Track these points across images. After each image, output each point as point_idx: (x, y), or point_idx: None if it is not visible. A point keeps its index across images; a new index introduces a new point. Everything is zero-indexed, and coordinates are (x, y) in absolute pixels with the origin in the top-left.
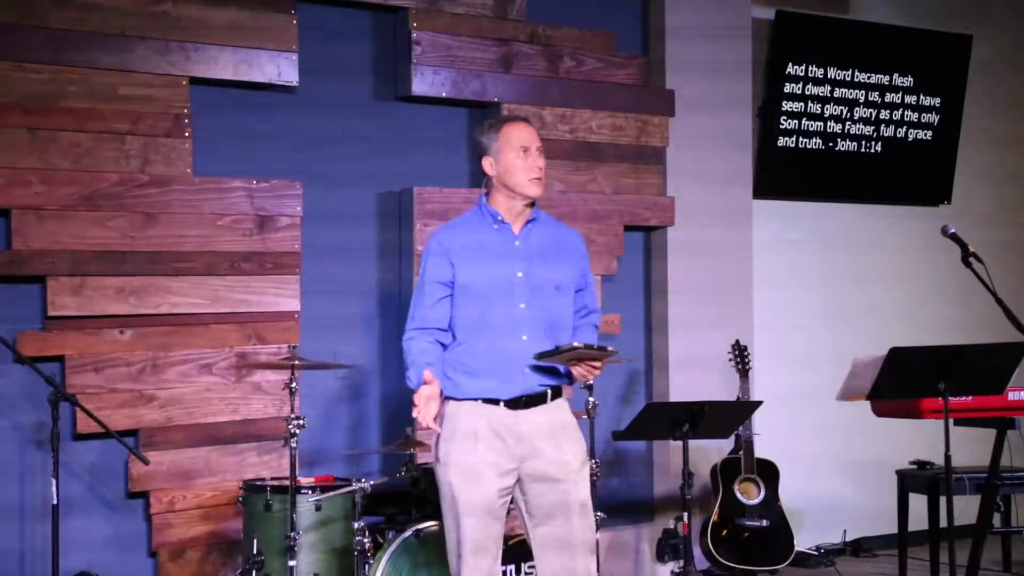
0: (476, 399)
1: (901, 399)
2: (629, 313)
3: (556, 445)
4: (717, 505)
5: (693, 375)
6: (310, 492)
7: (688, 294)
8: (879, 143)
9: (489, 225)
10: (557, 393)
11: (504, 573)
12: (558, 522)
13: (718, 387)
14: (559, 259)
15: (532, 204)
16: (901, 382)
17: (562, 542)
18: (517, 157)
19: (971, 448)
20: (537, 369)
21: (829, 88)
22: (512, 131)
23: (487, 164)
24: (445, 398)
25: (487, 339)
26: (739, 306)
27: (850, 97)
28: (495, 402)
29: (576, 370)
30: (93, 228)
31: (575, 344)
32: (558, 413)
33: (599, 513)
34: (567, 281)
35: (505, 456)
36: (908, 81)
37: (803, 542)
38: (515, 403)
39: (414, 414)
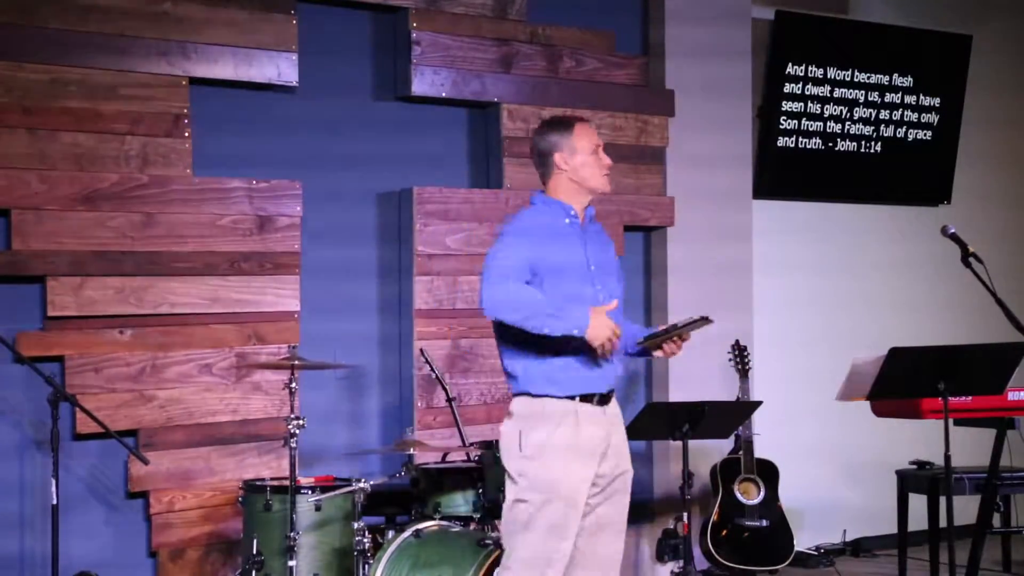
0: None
1: (901, 399)
2: (629, 313)
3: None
4: (717, 505)
5: (693, 375)
6: (310, 492)
7: (688, 294)
8: (879, 143)
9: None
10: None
11: None
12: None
13: (718, 387)
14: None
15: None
16: (901, 382)
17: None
18: (592, 154)
19: (971, 448)
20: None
21: (829, 88)
22: (586, 130)
23: (560, 159)
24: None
25: None
26: (739, 307)
27: (850, 97)
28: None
29: (667, 347)
30: (93, 228)
31: (678, 324)
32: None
33: None
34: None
35: None
36: (908, 81)
37: (803, 542)
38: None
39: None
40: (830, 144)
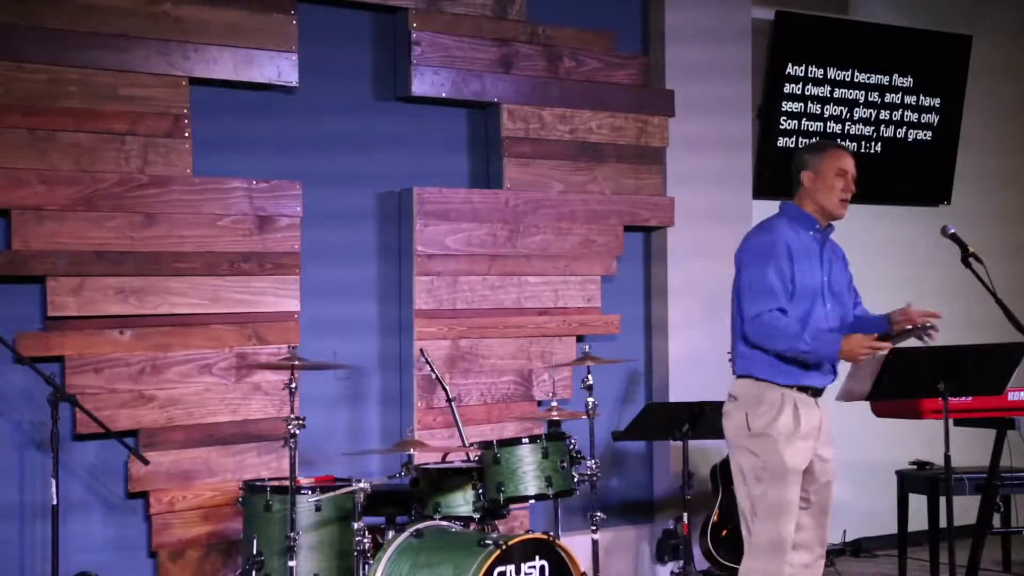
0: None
1: (901, 399)
2: (629, 313)
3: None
4: (717, 505)
5: (693, 375)
6: (310, 492)
7: (688, 294)
8: (879, 143)
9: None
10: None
11: (504, 573)
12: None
13: (718, 387)
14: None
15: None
16: (901, 382)
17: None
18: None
19: (971, 448)
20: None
21: (829, 88)
22: (836, 155)
23: (806, 178)
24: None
25: None
26: None
27: (850, 97)
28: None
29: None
30: (93, 228)
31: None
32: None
33: (599, 514)
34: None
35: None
36: (908, 81)
37: None
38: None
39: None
40: None
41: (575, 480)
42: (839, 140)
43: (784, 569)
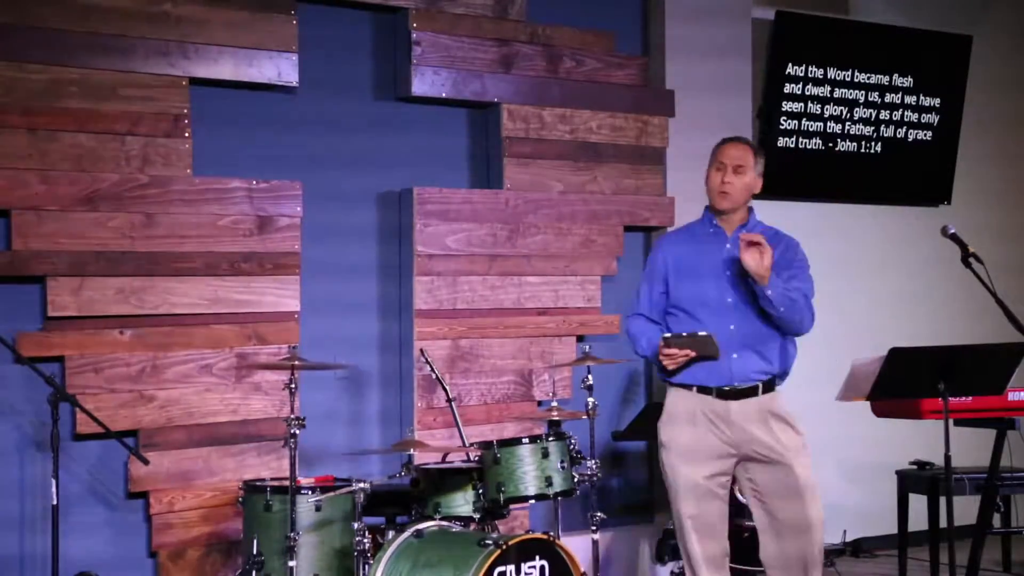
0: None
1: (901, 399)
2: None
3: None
4: None
5: None
6: (310, 492)
7: None
8: (879, 143)
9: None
10: (768, 387)
11: (504, 573)
12: (781, 503)
13: None
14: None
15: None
16: (901, 382)
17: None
18: (716, 172)
19: (971, 448)
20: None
21: (829, 88)
22: (717, 149)
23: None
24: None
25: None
26: None
27: (850, 97)
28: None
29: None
30: (93, 228)
31: (703, 333)
32: (770, 403)
33: (599, 514)
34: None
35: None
36: (908, 81)
37: None
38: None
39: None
40: (830, 144)
41: (575, 480)
42: (839, 140)
43: None
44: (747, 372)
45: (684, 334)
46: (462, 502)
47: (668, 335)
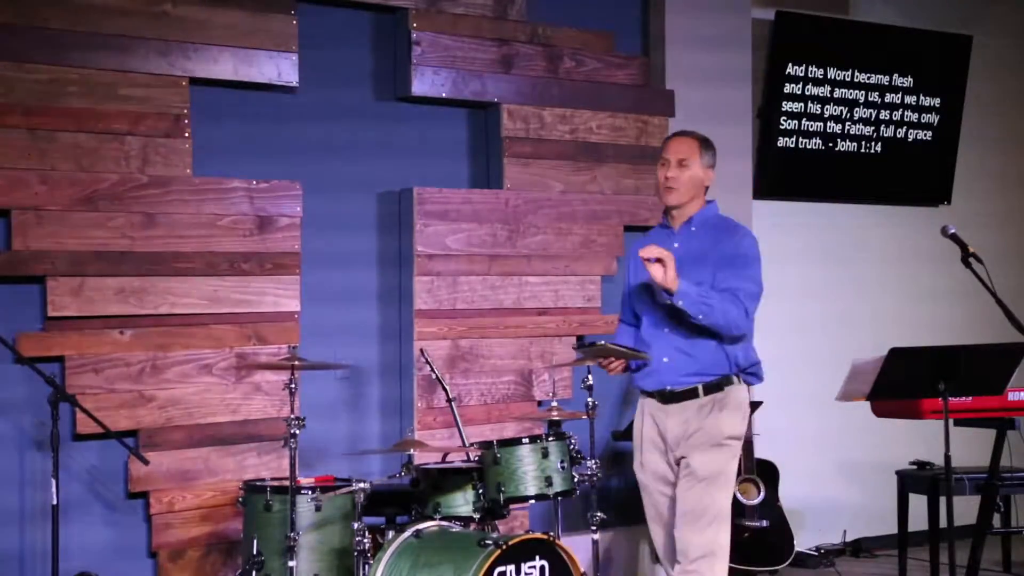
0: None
1: (901, 399)
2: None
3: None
4: None
5: None
6: (310, 492)
7: None
8: (879, 143)
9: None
10: (712, 388)
11: (504, 573)
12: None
13: None
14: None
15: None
16: (901, 383)
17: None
18: (661, 168)
19: (971, 448)
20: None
21: (829, 89)
22: (663, 146)
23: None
24: None
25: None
26: None
27: (850, 97)
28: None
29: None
30: (93, 228)
31: (603, 342)
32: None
33: (599, 514)
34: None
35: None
36: (908, 81)
37: (803, 542)
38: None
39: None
40: (830, 144)
41: (575, 480)
42: (839, 140)
43: None
44: (676, 376)
45: (586, 343)
46: (462, 502)
47: (575, 345)
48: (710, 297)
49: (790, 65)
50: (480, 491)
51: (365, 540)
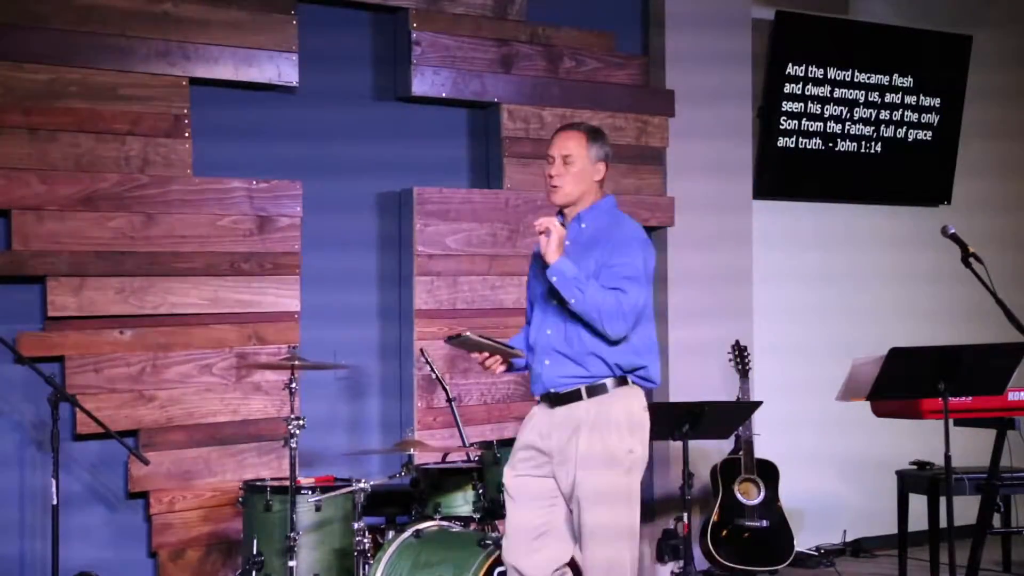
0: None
1: (901, 399)
2: None
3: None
4: (717, 505)
5: (693, 376)
6: (310, 492)
7: (688, 294)
8: (879, 143)
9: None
10: (597, 390)
11: (504, 573)
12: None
13: (718, 387)
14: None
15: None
16: (901, 382)
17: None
18: (548, 166)
19: (971, 448)
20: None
21: (829, 88)
22: (548, 142)
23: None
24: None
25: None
26: (739, 307)
27: (850, 97)
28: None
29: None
30: (93, 228)
31: (467, 334)
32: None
33: None
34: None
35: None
36: (908, 81)
37: (803, 542)
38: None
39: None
40: (830, 144)
41: None
42: (839, 140)
43: None
44: (555, 378)
45: (453, 336)
46: (462, 502)
47: (445, 339)
48: (587, 285)
49: (790, 65)
50: (480, 491)
51: (365, 540)
